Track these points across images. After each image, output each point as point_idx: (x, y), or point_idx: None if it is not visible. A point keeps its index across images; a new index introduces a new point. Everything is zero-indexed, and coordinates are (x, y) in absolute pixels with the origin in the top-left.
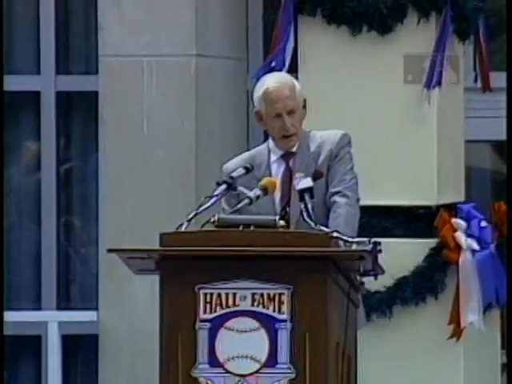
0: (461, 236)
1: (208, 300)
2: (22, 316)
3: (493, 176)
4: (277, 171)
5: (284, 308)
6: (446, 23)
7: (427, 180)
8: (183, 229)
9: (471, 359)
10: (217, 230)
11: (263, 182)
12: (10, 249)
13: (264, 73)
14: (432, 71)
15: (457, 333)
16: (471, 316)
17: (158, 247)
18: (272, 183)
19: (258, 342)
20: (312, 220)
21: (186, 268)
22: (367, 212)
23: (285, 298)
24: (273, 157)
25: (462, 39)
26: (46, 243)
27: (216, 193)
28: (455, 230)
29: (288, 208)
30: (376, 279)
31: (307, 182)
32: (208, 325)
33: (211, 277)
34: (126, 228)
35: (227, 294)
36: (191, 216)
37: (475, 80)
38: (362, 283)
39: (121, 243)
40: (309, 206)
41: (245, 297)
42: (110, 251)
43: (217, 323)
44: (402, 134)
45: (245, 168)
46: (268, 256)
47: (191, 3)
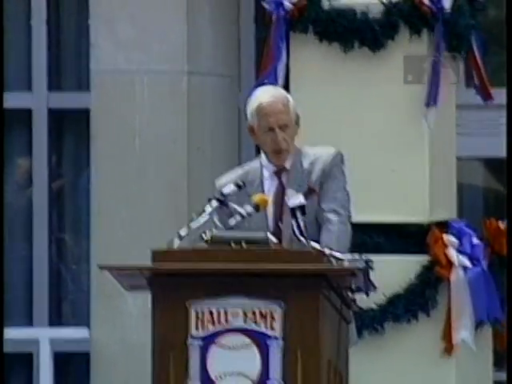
0: (452, 253)
1: (200, 317)
2: (14, 333)
3: (485, 193)
4: (269, 188)
5: (276, 325)
6: (438, 40)
7: (419, 197)
8: (175, 245)
9: (463, 376)
10: (208, 247)
11: (255, 199)
12: (3, 266)
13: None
14: (430, 88)
15: (449, 349)
16: (463, 333)
17: (150, 264)
18: (263, 200)
19: (250, 359)
20: (304, 237)
21: (178, 285)
22: (359, 228)
23: (276, 315)
24: (265, 173)
25: (454, 55)
26: (38, 260)
27: (207, 210)
28: (447, 247)
29: (280, 225)
30: (368, 296)
31: (299, 199)
32: (200, 342)
33: (203, 294)
34: (118, 245)
35: (219, 311)
36: (183, 233)
37: (477, 92)
38: (354, 300)
39: (112, 260)
40: (301, 223)
41: (236, 314)
42: (102, 268)
43: (208, 340)
44: (394, 151)
45: (236, 185)
46: (260, 273)
47: (183, 20)
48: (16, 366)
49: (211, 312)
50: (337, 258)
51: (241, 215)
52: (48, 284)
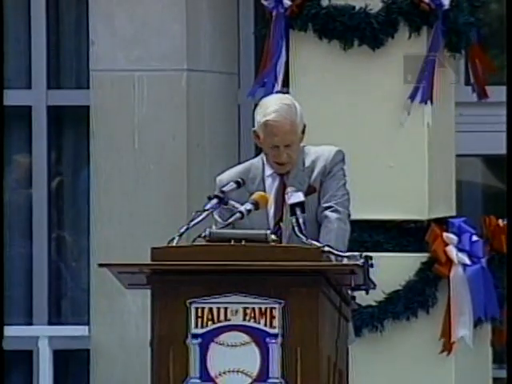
0: (452, 250)
1: (199, 314)
2: (14, 331)
3: (484, 190)
4: (271, 185)
5: (275, 322)
6: (437, 37)
7: (418, 194)
8: (174, 243)
9: (462, 373)
10: (208, 245)
11: (255, 197)
12: (3, 263)
13: (260, 91)
14: (421, 85)
15: (448, 347)
16: (462, 330)
17: (150, 262)
18: (263, 198)
19: (250, 357)
20: (303, 234)
21: (178, 282)
22: (359, 226)
23: (276, 313)
24: (267, 171)
25: (453, 53)
26: (38, 258)
27: (207, 207)
28: (446, 245)
29: (281, 223)
30: (367, 294)
31: (298, 197)
32: (199, 339)
33: (202, 291)
34: (118, 242)
35: (218, 309)
36: (182, 230)
37: (473, 90)
38: (354, 298)
39: (112, 258)
40: (300, 221)
41: (236, 311)
42: (101, 266)
43: (208, 338)
44: (394, 149)
45: (236, 182)
46: (259, 270)
47: (182, 18)
48: (16, 364)
49: (211, 309)
50: (336, 256)
51: (240, 213)
52: (47, 282)
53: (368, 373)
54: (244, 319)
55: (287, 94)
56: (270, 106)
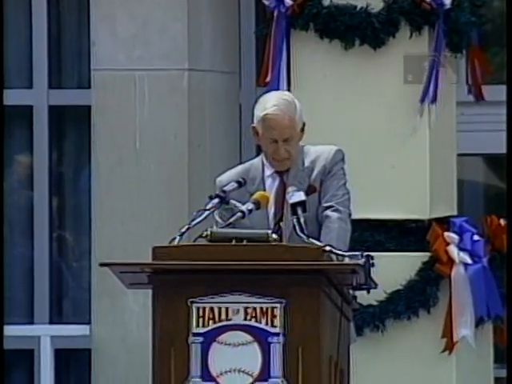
0: (453, 250)
1: (201, 314)
2: (15, 330)
3: (485, 190)
4: (271, 185)
5: (277, 322)
6: (439, 37)
7: (420, 194)
8: (176, 243)
9: (464, 373)
10: (209, 244)
11: (256, 196)
12: (3, 263)
13: (262, 91)
14: (428, 86)
15: (449, 346)
16: (464, 330)
17: (151, 261)
18: (264, 197)
19: (251, 356)
20: (304, 234)
21: (179, 282)
22: (360, 226)
23: (277, 312)
24: (267, 171)
25: (454, 53)
26: (39, 257)
27: (208, 206)
28: (448, 244)
29: (281, 223)
30: (369, 293)
31: (300, 196)
32: (201, 339)
33: (204, 291)
34: (119, 242)
35: (220, 308)
36: (184, 230)
37: (469, 91)
38: (355, 297)
39: (113, 257)
40: (301, 220)
41: (237, 311)
42: (103, 265)
43: (209, 337)
44: (395, 148)
45: (237, 182)
46: (261, 270)
47: (183, 17)
48: (17, 363)
49: (212, 309)
50: (338, 255)
51: (241, 212)
52: (49, 281)
53: (369, 372)
54: (245, 318)
55: (287, 92)
56: (269, 101)
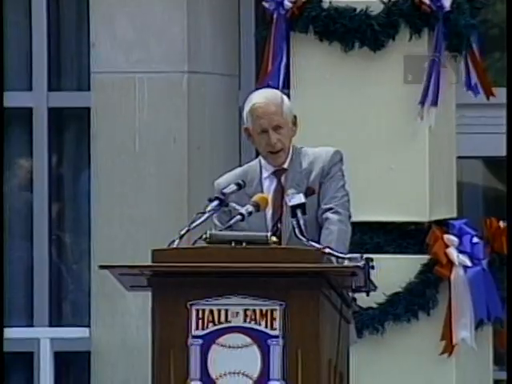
0: (453, 252)
1: (200, 316)
2: (14, 332)
3: (485, 192)
4: (268, 187)
5: (276, 324)
6: (439, 40)
7: (419, 196)
8: (175, 245)
9: (463, 375)
10: (209, 247)
11: (255, 199)
12: (3, 265)
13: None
14: (427, 88)
15: (449, 349)
16: (463, 332)
17: (150, 263)
18: (264, 199)
19: (251, 359)
20: (304, 236)
21: (178, 284)
22: (359, 228)
23: (277, 314)
24: (265, 173)
25: (454, 55)
26: (38, 260)
27: (208, 209)
28: (447, 247)
29: (279, 224)
30: (368, 295)
31: (299, 198)
32: (200, 341)
33: (203, 293)
34: (118, 244)
35: (219, 311)
36: (183, 232)
37: (468, 87)
38: (354, 299)
39: (113, 259)
40: (301, 222)
41: (237, 313)
42: (102, 267)
43: (209, 339)
44: (394, 150)
45: (237, 184)
46: (260, 272)
47: (183, 20)
48: (16, 366)
49: (211, 311)
50: (337, 257)
51: (241, 215)
52: (48, 283)
53: (369, 375)
54: (245, 321)
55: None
56: (254, 96)
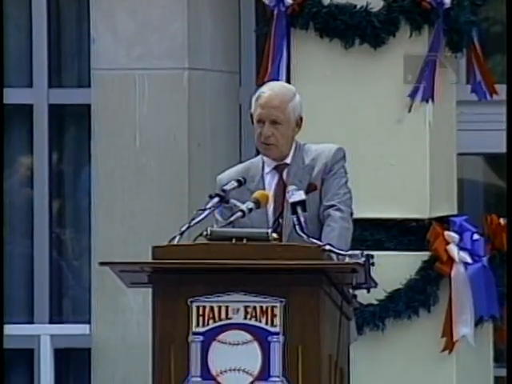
0: (453, 249)
1: (201, 313)
2: (15, 329)
3: (485, 189)
4: (270, 183)
5: (277, 321)
6: (438, 36)
7: (420, 193)
8: (176, 242)
9: (464, 372)
10: (209, 243)
11: (256, 195)
12: (3, 262)
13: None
14: (420, 83)
15: (449, 346)
16: (464, 329)
17: (151, 260)
18: (264, 196)
19: (251, 355)
20: (304, 233)
21: (179, 281)
22: (360, 225)
23: (277, 311)
24: (266, 168)
25: (454, 52)
26: (39, 256)
27: (208, 206)
28: (448, 243)
29: (280, 220)
30: (369, 292)
31: (300, 195)
32: (200, 338)
33: (204, 290)
34: (119, 241)
35: (220, 307)
36: (184, 229)
37: (473, 88)
38: (355, 296)
39: (113, 256)
40: (301, 219)
41: (237, 310)
42: (103, 264)
43: (209, 336)
44: (395, 147)
45: (237, 181)
46: (261, 269)
47: (183, 16)
48: (17, 362)
49: (212, 308)
50: (338, 254)
51: (242, 211)
52: (49, 280)
53: (369, 371)
54: (245, 318)
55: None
56: (267, 86)
